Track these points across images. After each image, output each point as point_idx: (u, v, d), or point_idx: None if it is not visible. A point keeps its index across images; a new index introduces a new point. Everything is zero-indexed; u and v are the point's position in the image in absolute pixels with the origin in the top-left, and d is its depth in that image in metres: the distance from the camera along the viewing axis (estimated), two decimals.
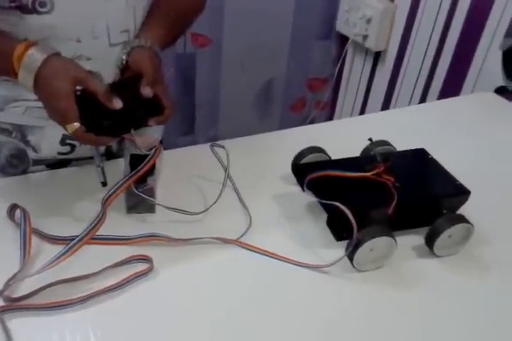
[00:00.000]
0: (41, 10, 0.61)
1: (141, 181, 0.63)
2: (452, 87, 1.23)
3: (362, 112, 1.55)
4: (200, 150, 0.77)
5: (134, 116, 0.61)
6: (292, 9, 1.45)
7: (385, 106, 1.45)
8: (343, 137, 0.86)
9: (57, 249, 0.58)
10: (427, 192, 0.67)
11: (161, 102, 0.62)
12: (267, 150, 0.82)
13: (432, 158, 0.72)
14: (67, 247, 0.57)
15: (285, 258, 0.61)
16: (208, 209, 0.66)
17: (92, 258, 0.59)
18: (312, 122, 0.99)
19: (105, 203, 0.63)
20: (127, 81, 0.63)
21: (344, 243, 0.61)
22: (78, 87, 0.58)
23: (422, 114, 1.00)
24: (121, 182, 0.62)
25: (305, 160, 0.72)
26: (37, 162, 0.75)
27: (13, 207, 0.63)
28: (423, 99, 1.31)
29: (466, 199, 0.66)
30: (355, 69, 1.55)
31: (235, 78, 1.48)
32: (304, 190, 0.67)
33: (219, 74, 1.46)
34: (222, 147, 0.73)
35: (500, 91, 1.09)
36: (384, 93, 1.45)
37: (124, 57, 0.65)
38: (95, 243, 0.61)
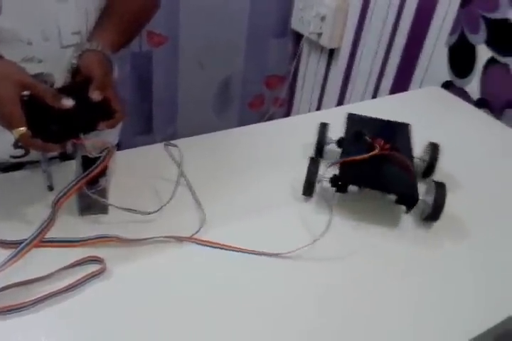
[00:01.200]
0: None
1: (93, 182, 0.63)
2: (402, 83, 1.27)
3: (318, 108, 1.58)
4: (154, 150, 0.77)
5: (83, 120, 0.60)
6: (248, 7, 1.46)
7: (340, 101, 1.48)
8: (300, 133, 0.88)
9: (7, 253, 0.58)
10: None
11: (111, 106, 0.62)
12: (224, 148, 0.83)
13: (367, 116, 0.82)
14: (15, 251, 0.57)
15: (240, 248, 0.63)
16: (161, 208, 0.67)
17: (45, 261, 0.59)
18: (270, 119, 1.00)
19: (55, 205, 0.62)
20: (76, 85, 0.63)
21: (302, 234, 0.63)
22: (25, 92, 0.57)
23: (374, 108, 1.04)
24: (73, 183, 0.62)
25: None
26: None
27: None
28: (375, 94, 1.36)
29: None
30: (311, 66, 1.58)
31: (193, 76, 1.49)
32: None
33: (176, 73, 1.46)
34: (175, 146, 0.74)
35: (447, 85, 1.14)
36: (339, 89, 1.48)
37: (74, 61, 0.64)
38: (47, 246, 0.60)
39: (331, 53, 1.48)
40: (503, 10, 0.99)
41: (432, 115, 1.01)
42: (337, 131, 0.82)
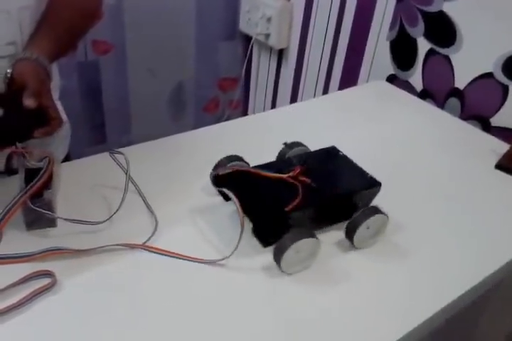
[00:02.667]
0: None
1: (38, 196, 0.62)
2: (350, 78, 1.30)
3: (273, 107, 1.60)
4: (101, 159, 0.76)
5: (16, 128, 0.59)
6: (194, 11, 1.46)
7: (293, 99, 1.50)
8: (255, 131, 0.89)
9: None
10: (342, 189, 0.69)
11: (47, 113, 0.61)
12: (176, 153, 0.83)
13: (343, 155, 0.74)
14: None
15: (188, 257, 0.62)
16: (111, 216, 0.66)
17: None
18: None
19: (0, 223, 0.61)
20: (10, 93, 0.62)
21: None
22: None
23: (325, 104, 1.06)
24: (16, 199, 0.61)
25: (224, 170, 0.71)
26: None
27: None
28: (326, 91, 1.38)
29: (378, 191, 0.69)
30: (262, 67, 1.59)
31: (144, 83, 1.47)
32: (226, 200, 0.68)
33: (126, 81, 1.44)
34: (121, 153, 0.73)
35: (392, 79, 1.17)
36: (291, 88, 1.50)
37: (8, 70, 0.63)
38: None
39: (280, 53, 1.49)
40: (437, 3, 1.03)
41: (378, 108, 1.04)
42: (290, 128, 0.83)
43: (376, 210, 0.65)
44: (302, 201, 0.64)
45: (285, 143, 0.76)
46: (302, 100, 1.45)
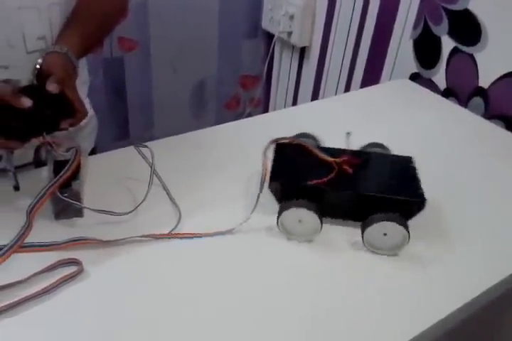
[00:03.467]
0: None
1: (66, 186, 0.64)
2: (372, 77, 1.30)
3: (294, 105, 1.60)
4: (127, 153, 0.78)
5: (43, 117, 0.61)
6: (217, 9, 1.47)
7: (314, 97, 1.50)
8: (276, 129, 0.89)
9: None
10: (374, 190, 0.67)
11: (73, 105, 0.63)
12: (198, 147, 0.84)
13: (412, 167, 0.71)
14: None
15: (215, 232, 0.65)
16: (136, 208, 0.67)
17: (22, 266, 0.59)
18: None
19: (30, 212, 0.63)
20: (38, 84, 0.63)
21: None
22: None
23: (346, 101, 1.06)
24: (45, 189, 0.63)
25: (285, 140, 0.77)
26: None
27: None
28: (348, 89, 1.38)
29: (420, 207, 0.66)
30: (284, 65, 1.60)
31: (167, 79, 1.49)
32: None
33: (150, 77, 1.47)
34: (146, 146, 0.75)
35: (415, 77, 1.17)
36: (312, 86, 1.50)
37: (39, 60, 0.65)
38: (25, 251, 0.61)
39: (303, 51, 1.50)
40: (463, 1, 1.02)
41: (400, 106, 1.03)
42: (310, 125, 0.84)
43: (396, 218, 0.62)
44: (329, 182, 0.66)
45: (348, 133, 0.82)
46: (323, 98, 1.45)
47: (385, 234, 0.63)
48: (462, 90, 1.08)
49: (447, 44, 1.08)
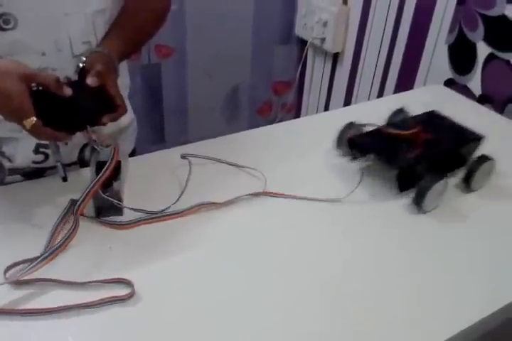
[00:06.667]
0: (6, 27, 0.65)
1: (108, 185, 0.67)
2: (406, 82, 1.29)
3: (326, 111, 1.61)
4: (166, 156, 0.81)
5: (87, 109, 0.64)
6: (251, 16, 1.50)
7: (347, 103, 1.51)
8: (309, 133, 0.91)
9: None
10: (456, 142, 0.84)
11: (113, 100, 0.66)
12: (231, 150, 0.86)
13: (445, 116, 0.89)
14: (43, 256, 0.61)
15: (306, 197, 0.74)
16: (169, 207, 0.70)
17: (77, 262, 0.62)
18: None
19: (77, 212, 0.66)
20: (81, 80, 0.66)
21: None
22: (33, 84, 0.60)
23: (379, 106, 1.06)
24: (88, 188, 0.66)
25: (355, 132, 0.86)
26: (12, 171, 0.78)
27: None
28: (381, 95, 1.38)
29: (481, 143, 0.84)
30: (316, 70, 1.61)
31: (201, 85, 1.53)
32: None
33: (185, 83, 1.50)
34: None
35: (449, 83, 1.16)
36: (345, 92, 1.51)
37: (83, 58, 0.68)
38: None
39: (335, 57, 1.51)
40: (500, 6, 1.01)
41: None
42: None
43: (486, 157, 0.79)
44: (425, 152, 0.79)
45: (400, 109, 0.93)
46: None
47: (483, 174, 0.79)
48: (498, 96, 1.06)
49: (483, 50, 1.07)
